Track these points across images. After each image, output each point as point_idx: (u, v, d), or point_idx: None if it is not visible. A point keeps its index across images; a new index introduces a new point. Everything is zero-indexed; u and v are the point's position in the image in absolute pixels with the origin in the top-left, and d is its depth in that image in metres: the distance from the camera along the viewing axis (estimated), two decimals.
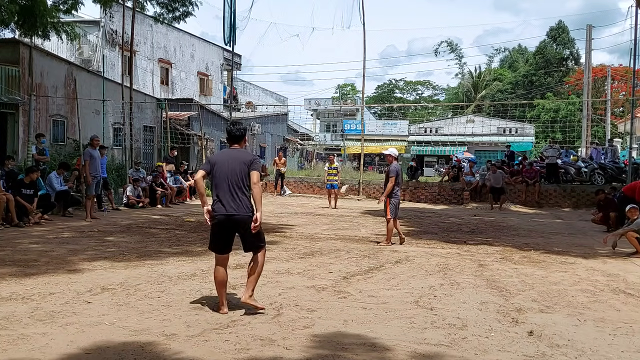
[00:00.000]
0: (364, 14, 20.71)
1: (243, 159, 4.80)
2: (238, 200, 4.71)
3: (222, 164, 4.78)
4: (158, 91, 27.22)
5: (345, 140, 34.73)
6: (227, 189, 4.71)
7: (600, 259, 8.25)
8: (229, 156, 4.85)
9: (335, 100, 58.79)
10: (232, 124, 5.04)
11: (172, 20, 19.53)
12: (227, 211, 4.70)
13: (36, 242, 8.50)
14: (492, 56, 64.70)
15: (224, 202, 4.70)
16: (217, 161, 4.84)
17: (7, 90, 14.75)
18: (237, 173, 4.73)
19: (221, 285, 4.83)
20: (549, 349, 4.10)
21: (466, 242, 9.67)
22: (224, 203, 4.70)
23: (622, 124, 37.10)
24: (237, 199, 4.71)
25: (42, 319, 4.50)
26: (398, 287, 6.04)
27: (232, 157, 4.83)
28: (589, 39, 29.26)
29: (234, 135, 4.95)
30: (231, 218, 4.71)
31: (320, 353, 3.88)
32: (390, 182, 8.93)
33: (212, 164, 4.85)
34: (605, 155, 19.96)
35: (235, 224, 4.75)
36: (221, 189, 4.73)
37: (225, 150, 5.06)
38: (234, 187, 4.72)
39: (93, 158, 12.02)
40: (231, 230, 4.81)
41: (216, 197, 4.76)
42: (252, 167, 4.77)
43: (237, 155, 4.85)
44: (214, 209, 4.75)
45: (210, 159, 4.93)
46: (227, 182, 4.72)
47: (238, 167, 4.75)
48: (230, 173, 4.73)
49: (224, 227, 4.77)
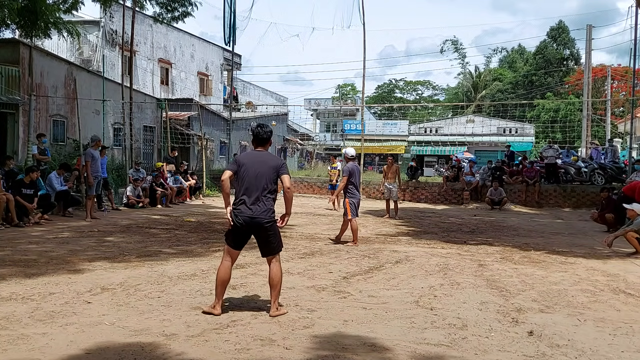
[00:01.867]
0: (364, 13, 20.72)
1: (272, 164, 4.83)
2: (262, 204, 4.74)
3: (251, 166, 4.77)
4: (158, 91, 27.21)
5: (345, 140, 34.72)
6: (254, 192, 4.72)
7: (600, 259, 8.25)
8: (258, 159, 4.84)
9: (335, 100, 58.77)
10: (259, 127, 4.99)
11: (172, 20, 19.52)
12: (250, 214, 4.71)
13: (36, 242, 8.50)
14: (489, 56, 64.77)
15: (249, 204, 4.72)
16: (246, 163, 4.81)
17: (7, 90, 14.74)
18: (266, 177, 4.76)
19: (223, 284, 4.79)
20: (549, 349, 4.10)
21: (466, 242, 9.67)
22: (249, 206, 4.71)
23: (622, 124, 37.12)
24: (261, 202, 4.73)
25: (42, 319, 4.50)
26: (398, 287, 6.04)
27: (261, 160, 4.83)
28: (589, 39, 29.25)
29: (262, 138, 4.94)
30: (253, 221, 4.72)
31: (320, 353, 3.88)
32: (342, 181, 8.98)
33: (239, 164, 4.82)
34: (605, 155, 19.95)
35: (256, 227, 4.76)
36: (248, 191, 4.73)
37: (253, 152, 4.99)
38: (261, 190, 4.73)
39: (94, 158, 12.04)
40: (250, 232, 4.81)
41: (241, 198, 4.75)
42: (282, 172, 4.82)
43: (266, 159, 4.86)
44: (239, 209, 4.74)
45: (238, 160, 4.89)
46: (255, 185, 4.73)
47: (267, 171, 4.77)
48: (259, 176, 4.74)
49: (245, 229, 4.77)
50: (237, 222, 4.74)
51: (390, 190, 13.68)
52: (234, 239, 4.85)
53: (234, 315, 4.75)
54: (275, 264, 4.88)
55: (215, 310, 4.70)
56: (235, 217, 4.75)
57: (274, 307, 4.79)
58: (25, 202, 10.58)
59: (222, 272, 4.80)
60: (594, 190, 17.15)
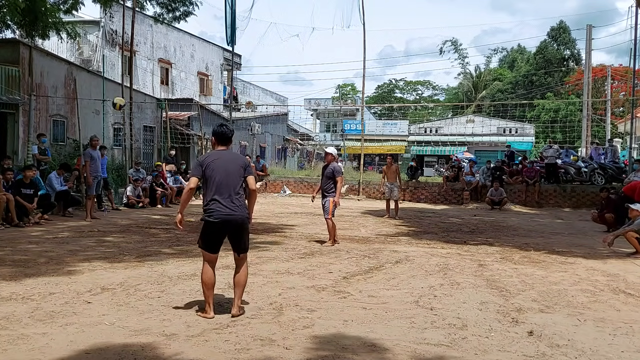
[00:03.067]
0: (364, 13, 20.72)
1: (240, 163, 4.84)
2: (237, 201, 4.73)
3: (220, 165, 4.73)
4: (158, 91, 27.21)
5: (345, 140, 34.71)
6: (226, 190, 4.70)
7: (600, 259, 8.25)
8: (226, 158, 4.80)
9: (335, 100, 58.75)
10: (221, 125, 4.96)
11: (173, 20, 19.51)
12: (227, 212, 4.68)
13: (36, 242, 8.50)
14: (489, 56, 64.73)
15: (224, 203, 4.68)
16: (212, 163, 4.75)
17: (7, 90, 14.74)
18: (236, 175, 4.76)
19: (209, 287, 4.71)
20: (549, 349, 4.10)
21: (466, 242, 9.67)
22: (225, 204, 4.68)
23: (622, 124, 37.10)
24: (236, 200, 4.72)
25: (42, 319, 4.50)
26: (398, 287, 6.04)
27: (229, 159, 4.81)
28: (589, 39, 29.23)
29: (225, 137, 4.90)
30: (231, 218, 4.70)
31: (320, 353, 3.88)
32: (340, 181, 8.90)
33: (203, 166, 4.76)
34: (605, 155, 19.95)
35: (234, 225, 4.74)
36: (220, 190, 4.69)
37: (217, 152, 4.89)
38: (233, 188, 4.72)
39: (93, 158, 12.04)
40: (225, 231, 4.77)
41: (214, 198, 4.70)
42: (248, 172, 4.83)
43: (234, 158, 4.88)
44: (212, 208, 4.69)
45: (201, 162, 4.82)
46: (227, 184, 4.70)
47: (236, 169, 4.77)
48: (230, 175, 4.73)
49: (222, 227, 4.73)
50: (213, 220, 4.69)
51: (391, 190, 13.71)
52: (210, 242, 4.78)
53: None
54: (245, 263, 4.89)
55: (209, 315, 4.65)
56: (210, 216, 4.70)
57: (236, 307, 4.73)
58: (25, 202, 10.58)
59: (206, 277, 4.73)
60: (594, 190, 17.15)
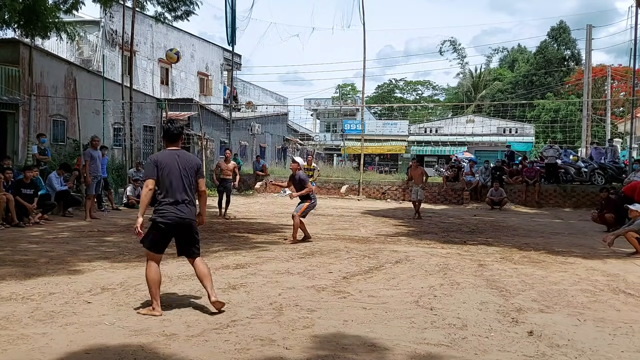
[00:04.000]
0: (364, 13, 20.73)
1: (192, 164, 4.83)
2: (189, 204, 4.75)
3: (174, 166, 4.69)
4: (158, 91, 27.22)
5: (345, 140, 34.72)
6: (180, 192, 4.70)
7: (600, 259, 8.24)
8: (179, 158, 4.75)
9: (335, 100, 58.76)
10: (169, 122, 4.94)
11: (174, 20, 19.52)
12: (180, 215, 4.69)
13: (36, 242, 8.50)
14: (490, 56, 64.72)
15: (176, 205, 4.68)
16: (167, 163, 4.69)
17: (7, 90, 14.75)
18: (190, 176, 4.76)
19: (156, 285, 4.69)
20: (549, 349, 4.10)
21: (466, 242, 9.66)
22: (179, 207, 4.69)
23: (622, 124, 37.10)
24: (188, 203, 4.74)
25: (42, 319, 4.50)
26: (398, 287, 6.03)
27: (182, 159, 4.76)
28: (589, 39, 29.23)
29: (173, 134, 4.83)
30: (183, 221, 4.71)
31: (320, 353, 3.88)
32: (308, 188, 9.37)
33: (159, 166, 4.68)
34: (605, 155, 19.95)
35: (185, 227, 4.75)
36: (173, 191, 4.68)
37: (169, 152, 4.82)
38: (187, 190, 4.73)
39: (93, 158, 12.04)
40: (176, 232, 4.76)
41: (168, 200, 4.68)
42: (200, 174, 4.87)
43: (187, 158, 4.84)
44: (166, 209, 4.67)
45: (156, 162, 4.71)
46: (181, 185, 4.71)
47: (190, 171, 4.77)
48: (184, 176, 4.72)
49: (172, 229, 4.73)
50: (165, 222, 4.66)
51: (417, 192, 13.86)
52: (159, 244, 4.73)
53: (234, 315, 4.75)
54: (201, 259, 4.90)
55: (156, 312, 4.62)
56: (162, 217, 4.67)
57: (214, 294, 4.73)
58: (25, 202, 10.58)
59: (153, 274, 4.68)
60: (594, 190, 17.15)
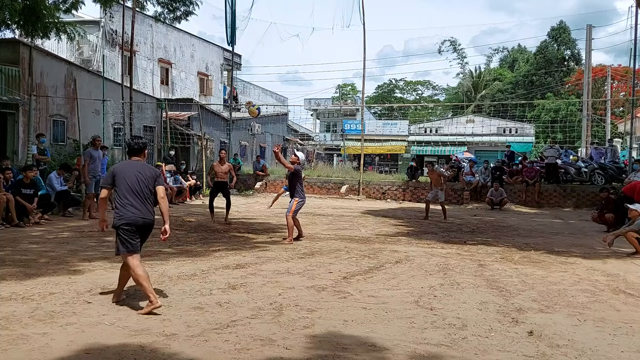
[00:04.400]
0: (364, 13, 20.72)
1: (150, 174, 5.25)
2: (147, 207, 5.14)
3: (132, 173, 5.13)
4: (158, 91, 27.21)
5: (345, 140, 34.71)
6: (138, 197, 5.09)
7: (600, 259, 8.25)
8: (138, 168, 5.22)
9: (335, 100, 58.75)
10: (132, 138, 5.58)
11: (173, 20, 19.51)
12: (141, 215, 5.07)
13: (36, 242, 8.50)
14: (490, 56, 64.70)
15: (138, 207, 5.07)
16: (122, 171, 5.17)
17: (7, 90, 14.75)
18: (146, 185, 5.16)
19: (147, 280, 4.92)
20: (549, 349, 4.10)
21: (466, 242, 9.67)
22: (139, 208, 5.07)
23: (622, 124, 37.10)
24: (146, 206, 5.13)
25: (42, 319, 4.50)
26: (398, 287, 6.04)
27: (139, 169, 5.21)
28: (589, 39, 29.22)
29: (134, 149, 5.39)
30: (145, 221, 5.10)
31: (320, 353, 3.88)
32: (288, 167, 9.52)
33: (115, 175, 5.16)
34: (605, 155, 19.95)
35: (145, 227, 5.14)
36: (133, 195, 5.07)
37: (128, 162, 5.38)
38: (144, 196, 5.12)
39: (93, 158, 12.04)
40: (139, 231, 5.10)
41: (127, 203, 5.05)
42: (158, 183, 5.27)
43: (144, 169, 5.25)
44: (127, 211, 5.03)
45: (113, 172, 5.22)
46: (140, 190, 5.10)
47: (145, 180, 5.17)
48: (141, 182, 5.13)
49: (137, 229, 5.07)
50: (126, 222, 5.00)
51: (435, 195, 13.86)
52: (131, 243, 5.03)
53: (234, 315, 4.75)
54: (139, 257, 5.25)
55: (156, 304, 4.78)
56: (123, 219, 5.02)
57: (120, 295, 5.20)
58: (25, 202, 10.57)
59: (140, 271, 4.93)
60: (594, 190, 17.14)
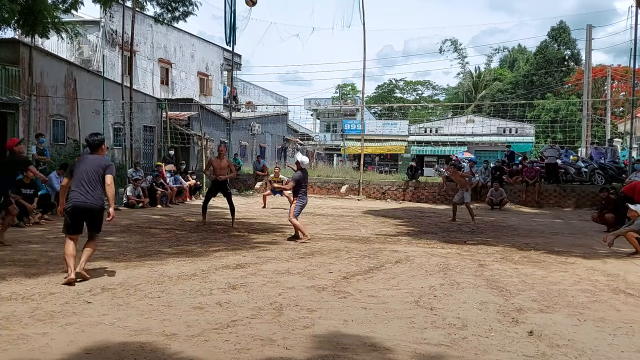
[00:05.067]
0: (364, 13, 20.71)
1: (99, 164, 6.03)
2: (91, 193, 5.90)
3: (83, 167, 5.98)
4: (158, 91, 27.21)
5: (345, 140, 34.70)
6: (83, 184, 5.89)
7: (600, 259, 8.25)
8: (89, 161, 6.05)
9: (335, 100, 58.75)
10: (90, 135, 6.29)
11: (172, 20, 19.50)
12: (83, 200, 5.88)
13: (36, 242, 8.50)
14: (490, 56, 64.71)
15: (80, 192, 5.88)
16: (77, 164, 6.07)
17: (7, 90, 14.75)
18: (92, 173, 5.93)
19: (71, 257, 5.78)
20: (549, 349, 4.10)
21: (466, 242, 9.67)
22: (82, 193, 5.88)
23: (622, 124, 37.10)
24: (90, 192, 5.89)
25: (42, 319, 4.50)
26: (398, 287, 6.04)
27: (92, 162, 6.04)
28: (589, 39, 29.22)
29: (91, 144, 6.20)
30: (86, 206, 5.89)
31: (320, 353, 3.88)
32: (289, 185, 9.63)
33: (72, 168, 6.05)
34: (605, 155, 19.94)
35: (88, 210, 5.93)
36: (78, 183, 5.90)
37: (85, 156, 6.30)
38: (88, 182, 5.90)
39: None
40: (83, 215, 5.95)
41: (73, 190, 5.90)
42: (107, 172, 6.01)
43: (94, 160, 6.08)
44: (71, 197, 5.89)
45: (72, 166, 6.17)
46: (83, 179, 5.89)
47: (93, 168, 5.96)
48: (85, 172, 5.93)
49: (79, 212, 5.91)
50: (71, 205, 5.85)
51: (461, 195, 13.70)
52: (71, 226, 5.95)
53: (234, 315, 4.75)
54: (94, 242, 6.13)
55: (71, 275, 5.64)
56: (69, 202, 5.88)
57: (81, 266, 5.84)
58: (25, 202, 10.57)
59: (70, 249, 5.84)
60: (594, 190, 17.14)
